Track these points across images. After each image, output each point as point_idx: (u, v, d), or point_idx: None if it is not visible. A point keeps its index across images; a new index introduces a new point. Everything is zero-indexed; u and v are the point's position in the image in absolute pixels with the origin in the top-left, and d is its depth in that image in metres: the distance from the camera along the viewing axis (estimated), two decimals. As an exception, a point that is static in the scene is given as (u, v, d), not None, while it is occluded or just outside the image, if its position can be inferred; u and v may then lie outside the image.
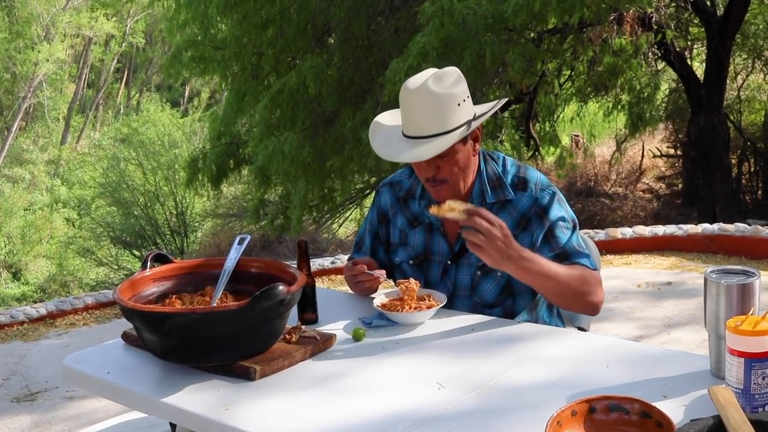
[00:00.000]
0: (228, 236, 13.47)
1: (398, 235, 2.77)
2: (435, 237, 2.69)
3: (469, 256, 2.59)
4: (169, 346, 2.10)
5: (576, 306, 2.53)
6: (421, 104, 2.47)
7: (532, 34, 8.74)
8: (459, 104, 2.47)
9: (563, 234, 2.54)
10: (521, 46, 7.54)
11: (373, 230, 2.85)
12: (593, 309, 2.51)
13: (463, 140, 2.51)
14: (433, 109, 2.45)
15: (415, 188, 2.75)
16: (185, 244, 17.56)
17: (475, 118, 2.52)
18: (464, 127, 2.47)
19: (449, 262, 2.66)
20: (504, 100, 2.66)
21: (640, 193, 12.95)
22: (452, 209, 2.31)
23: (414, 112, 2.50)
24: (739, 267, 1.93)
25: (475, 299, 2.61)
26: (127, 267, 18.19)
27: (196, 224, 18.41)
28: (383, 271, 2.66)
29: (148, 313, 2.08)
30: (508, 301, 2.61)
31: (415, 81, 2.50)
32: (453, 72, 2.53)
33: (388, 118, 2.68)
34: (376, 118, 2.71)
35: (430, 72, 2.53)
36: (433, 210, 2.35)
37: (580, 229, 2.66)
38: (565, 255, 2.51)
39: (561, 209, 2.58)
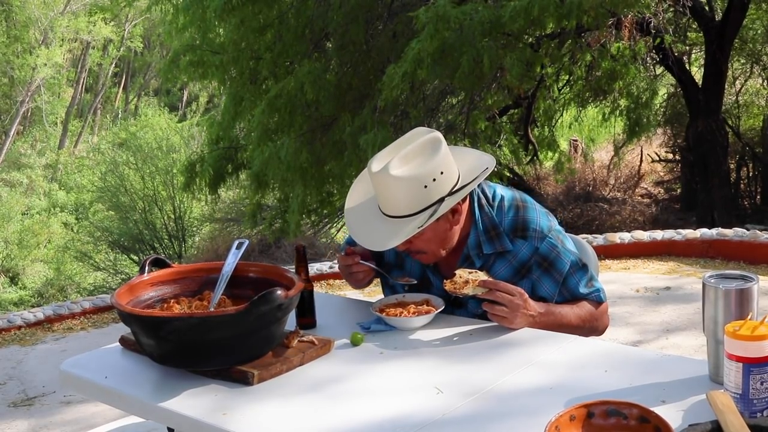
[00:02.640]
0: (226, 241, 13.47)
1: (394, 255, 2.69)
2: (430, 272, 2.63)
3: (467, 304, 2.56)
4: (166, 350, 2.10)
5: (584, 336, 2.55)
6: (382, 187, 2.39)
7: (530, 39, 8.74)
8: (426, 186, 2.34)
9: (573, 279, 2.54)
10: (519, 51, 7.53)
11: None
12: (599, 334, 2.60)
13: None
14: (393, 193, 2.37)
15: None
16: (183, 249, 17.56)
17: (452, 192, 2.39)
18: (430, 209, 2.36)
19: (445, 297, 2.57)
20: (490, 170, 2.45)
21: (639, 197, 12.94)
22: (467, 283, 2.35)
23: (377, 191, 2.44)
24: (738, 272, 1.93)
25: (475, 309, 2.57)
26: (124, 271, 18.19)
27: (194, 229, 18.42)
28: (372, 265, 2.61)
29: (145, 317, 2.08)
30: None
31: (379, 161, 2.39)
32: (427, 144, 2.41)
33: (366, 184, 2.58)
34: (354, 183, 2.63)
35: (400, 146, 2.42)
36: (448, 287, 2.37)
37: (578, 234, 2.65)
38: (576, 300, 2.56)
39: (565, 256, 2.52)
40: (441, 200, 2.38)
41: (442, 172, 2.37)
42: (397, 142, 2.46)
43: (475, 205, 2.54)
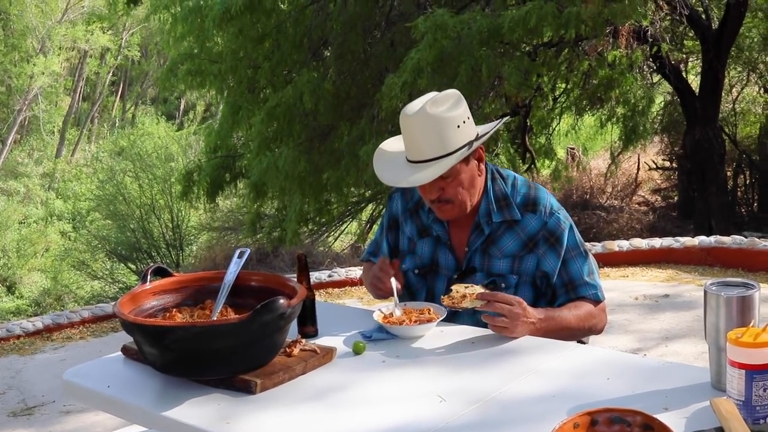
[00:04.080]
0: (224, 249, 13.44)
1: (407, 243, 2.79)
2: (442, 250, 2.70)
3: (475, 276, 2.61)
4: (169, 359, 2.10)
5: (583, 337, 2.62)
6: (420, 128, 2.49)
7: (528, 48, 8.76)
8: (459, 126, 2.48)
9: (574, 264, 2.60)
10: (517, 60, 7.54)
11: (387, 237, 2.88)
12: (597, 334, 2.64)
13: (465, 160, 2.53)
14: (431, 132, 2.47)
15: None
16: (181, 258, 17.51)
17: (477, 138, 2.53)
18: (465, 148, 2.48)
19: (455, 277, 2.66)
20: (505, 119, 2.67)
21: (636, 205, 12.96)
22: (465, 297, 2.37)
23: (413, 136, 2.52)
24: (739, 279, 1.94)
25: (478, 317, 2.60)
26: (122, 280, 18.12)
27: (192, 237, 18.37)
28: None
29: (148, 326, 2.08)
30: None
31: (413, 106, 2.52)
32: (451, 95, 2.54)
33: (392, 144, 2.69)
34: (380, 145, 2.72)
35: (428, 96, 2.54)
36: (447, 302, 2.41)
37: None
38: (573, 286, 2.60)
39: (571, 236, 2.61)
40: (470, 143, 2.50)
41: (468, 117, 2.52)
42: (423, 96, 2.57)
43: (488, 177, 2.65)
